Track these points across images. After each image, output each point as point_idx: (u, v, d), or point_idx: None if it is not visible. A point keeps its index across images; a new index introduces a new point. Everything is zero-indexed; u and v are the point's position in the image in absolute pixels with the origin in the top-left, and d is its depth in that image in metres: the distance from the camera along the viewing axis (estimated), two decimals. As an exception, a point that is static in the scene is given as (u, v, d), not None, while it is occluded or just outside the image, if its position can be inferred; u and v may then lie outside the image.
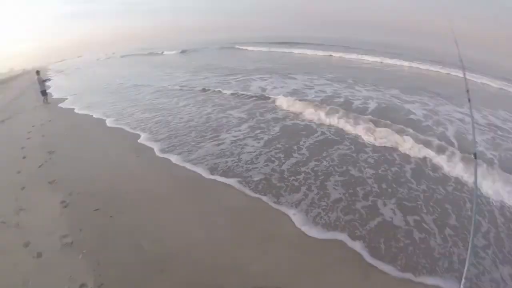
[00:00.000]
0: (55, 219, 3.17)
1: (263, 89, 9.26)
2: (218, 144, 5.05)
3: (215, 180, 3.92)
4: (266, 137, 5.32)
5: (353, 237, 2.87)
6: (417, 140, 4.96)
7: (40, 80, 9.55)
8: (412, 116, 6.77)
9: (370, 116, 6.24)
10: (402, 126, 5.66)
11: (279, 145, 4.96)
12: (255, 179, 3.88)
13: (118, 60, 26.99)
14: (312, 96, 8.22)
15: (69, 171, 4.31)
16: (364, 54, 19.13)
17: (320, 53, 20.32)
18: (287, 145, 4.95)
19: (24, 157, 4.88)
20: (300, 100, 7.35)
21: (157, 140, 5.37)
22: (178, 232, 2.96)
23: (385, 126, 5.61)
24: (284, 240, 2.87)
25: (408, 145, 4.88)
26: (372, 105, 7.50)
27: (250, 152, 4.73)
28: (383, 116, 6.35)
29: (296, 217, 3.15)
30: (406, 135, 5.22)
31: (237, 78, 11.35)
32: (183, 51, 25.56)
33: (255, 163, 4.33)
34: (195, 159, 4.52)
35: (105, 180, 4.00)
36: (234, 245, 2.78)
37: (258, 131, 5.64)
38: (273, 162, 4.38)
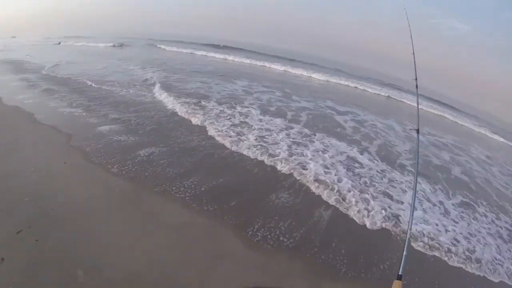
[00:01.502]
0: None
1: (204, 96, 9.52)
2: (160, 153, 4.70)
3: (156, 193, 3.63)
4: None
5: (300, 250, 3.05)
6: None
7: None
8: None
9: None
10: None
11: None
12: (198, 193, 3.75)
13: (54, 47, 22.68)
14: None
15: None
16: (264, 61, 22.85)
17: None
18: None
19: None
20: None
21: (89, 142, 4.70)
22: (118, 257, 2.68)
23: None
24: (233, 257, 2.82)
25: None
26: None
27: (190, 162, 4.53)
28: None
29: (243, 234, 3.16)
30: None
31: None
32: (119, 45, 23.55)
33: (195, 176, 4.13)
34: (132, 168, 4.10)
35: (27, 193, 3.35)
36: (181, 268, 2.64)
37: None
38: (213, 174, 4.26)
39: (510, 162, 12.57)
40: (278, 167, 4.76)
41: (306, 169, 4.83)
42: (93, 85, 8.57)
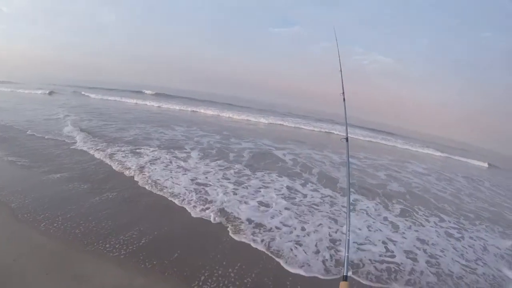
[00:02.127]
0: None
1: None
2: (93, 207, 4.23)
3: (88, 252, 3.17)
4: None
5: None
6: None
7: None
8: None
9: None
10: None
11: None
12: (135, 248, 3.34)
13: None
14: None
15: None
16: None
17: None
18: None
19: None
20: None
21: (15, 197, 4.14)
22: None
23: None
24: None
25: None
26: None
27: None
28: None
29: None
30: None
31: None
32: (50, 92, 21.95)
33: (131, 230, 3.75)
34: (62, 226, 3.58)
35: None
36: None
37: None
38: (151, 227, 3.92)
39: (446, 169, 14.66)
40: (211, 217, 4.34)
41: (239, 216, 4.50)
42: (24, 133, 7.75)
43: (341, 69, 2.92)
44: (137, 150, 7.16)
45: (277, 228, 4.27)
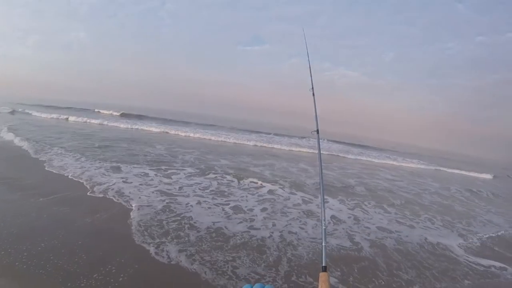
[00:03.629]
0: None
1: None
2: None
3: None
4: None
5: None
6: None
7: None
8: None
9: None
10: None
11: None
12: None
13: None
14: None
15: None
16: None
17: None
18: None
19: None
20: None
21: None
22: None
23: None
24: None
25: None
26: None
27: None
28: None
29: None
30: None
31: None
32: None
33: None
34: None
35: None
36: None
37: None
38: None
39: (416, 175, 15.53)
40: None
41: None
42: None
43: (310, 66, 3.00)
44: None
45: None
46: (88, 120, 19.13)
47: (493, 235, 6.15)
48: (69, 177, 5.95)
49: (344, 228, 5.13)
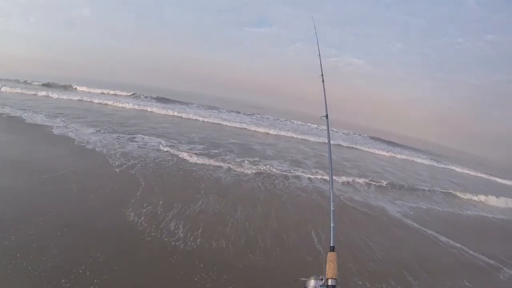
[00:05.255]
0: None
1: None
2: None
3: None
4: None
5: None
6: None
7: None
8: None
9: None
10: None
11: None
12: None
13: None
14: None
15: None
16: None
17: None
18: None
19: None
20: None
21: None
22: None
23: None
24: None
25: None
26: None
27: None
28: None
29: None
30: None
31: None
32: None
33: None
34: None
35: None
36: None
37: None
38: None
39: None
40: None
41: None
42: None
43: (319, 54, 3.00)
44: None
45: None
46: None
47: None
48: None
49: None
